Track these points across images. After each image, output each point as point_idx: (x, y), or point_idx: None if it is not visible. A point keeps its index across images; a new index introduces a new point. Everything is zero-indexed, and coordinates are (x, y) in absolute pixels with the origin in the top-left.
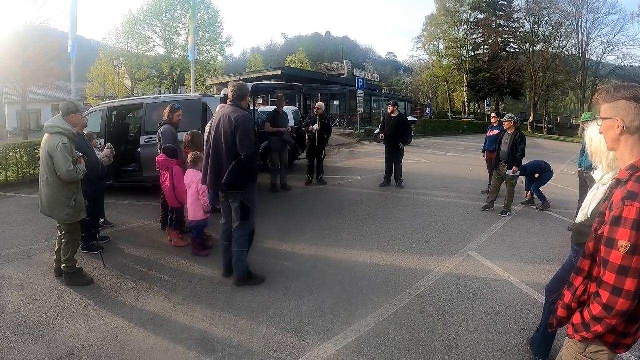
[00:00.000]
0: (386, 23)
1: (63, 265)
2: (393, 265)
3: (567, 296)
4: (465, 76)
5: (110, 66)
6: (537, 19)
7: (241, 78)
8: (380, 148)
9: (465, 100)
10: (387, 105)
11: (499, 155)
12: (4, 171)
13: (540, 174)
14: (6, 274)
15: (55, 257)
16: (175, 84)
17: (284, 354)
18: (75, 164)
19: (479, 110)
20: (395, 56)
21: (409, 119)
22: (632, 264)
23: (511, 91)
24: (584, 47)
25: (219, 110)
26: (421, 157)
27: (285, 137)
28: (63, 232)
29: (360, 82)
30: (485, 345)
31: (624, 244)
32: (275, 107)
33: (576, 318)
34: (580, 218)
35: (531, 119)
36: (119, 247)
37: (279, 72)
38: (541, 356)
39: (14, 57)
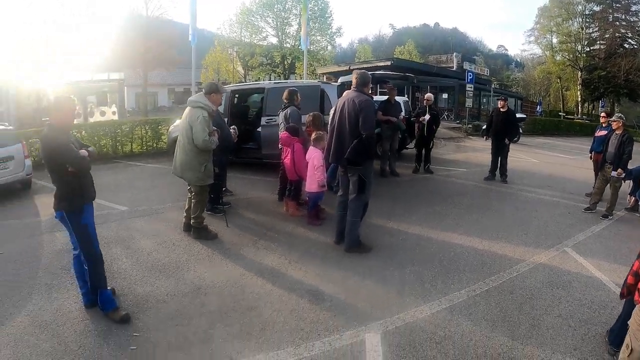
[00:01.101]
0: (497, 14)
1: (192, 221)
2: (490, 250)
3: (636, 265)
4: (579, 73)
5: (224, 54)
6: None
7: (351, 68)
8: (487, 144)
9: (579, 99)
10: (498, 100)
11: (605, 156)
12: (130, 143)
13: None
14: (138, 226)
15: (185, 214)
16: (286, 71)
17: (384, 311)
18: (210, 135)
19: (593, 112)
20: (506, 49)
21: (518, 115)
22: None
23: (628, 92)
24: None
25: (344, 95)
26: (528, 156)
27: (398, 125)
28: (193, 193)
29: (470, 75)
30: (565, 330)
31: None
32: (387, 96)
33: None
34: None
35: None
36: (239, 212)
37: (389, 63)
38: (616, 346)
39: (136, 45)
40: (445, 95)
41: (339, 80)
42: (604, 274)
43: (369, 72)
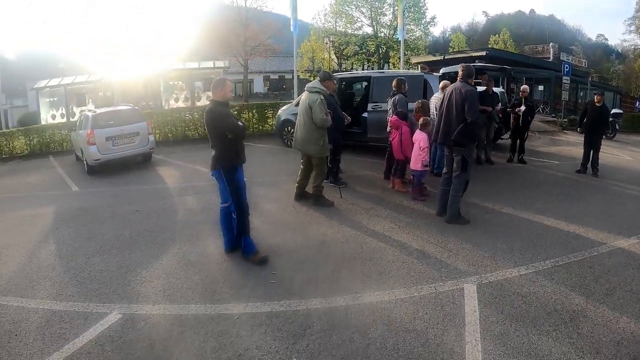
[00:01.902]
0: (597, 0)
1: (313, 189)
2: (575, 232)
3: None
4: None
5: (319, 43)
6: None
7: (445, 57)
8: (581, 138)
9: None
10: (594, 94)
11: None
12: None
13: None
14: (261, 193)
15: (297, 184)
16: (381, 61)
17: (479, 269)
18: (326, 115)
19: None
20: (607, 39)
21: (614, 111)
22: None
23: None
24: None
25: (451, 85)
26: (622, 153)
27: (492, 116)
28: (315, 164)
29: (567, 67)
30: (635, 302)
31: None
32: (485, 87)
33: None
34: None
35: None
36: (351, 186)
37: (483, 53)
38: None
39: (238, 35)
40: (541, 88)
41: (441, 71)
42: None
43: (473, 64)
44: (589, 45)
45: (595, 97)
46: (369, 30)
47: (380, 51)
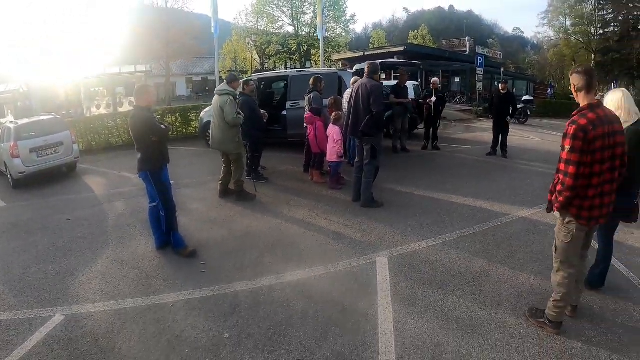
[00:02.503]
0: None
1: (235, 185)
2: (482, 207)
3: (551, 186)
4: (592, 56)
5: (241, 43)
6: None
7: (365, 54)
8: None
9: None
10: (499, 83)
11: None
12: None
13: None
14: (187, 194)
15: (220, 182)
16: (302, 59)
17: (390, 244)
18: (237, 114)
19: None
20: (522, 32)
21: (526, 97)
22: (572, 158)
23: None
24: None
25: (358, 81)
26: (533, 135)
27: (407, 107)
28: (233, 161)
29: (480, 59)
30: (534, 261)
31: (566, 147)
32: (398, 81)
33: (554, 197)
34: None
35: None
36: (272, 181)
37: (402, 48)
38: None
39: (160, 37)
40: (457, 79)
41: (354, 68)
42: None
43: (382, 60)
44: (505, 38)
45: (500, 85)
46: (290, 29)
47: (302, 49)
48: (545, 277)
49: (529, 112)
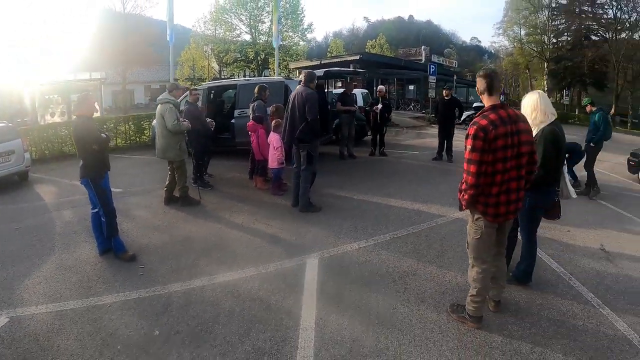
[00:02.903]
0: (470, 7)
1: (179, 191)
2: (419, 210)
3: (459, 185)
4: (545, 64)
5: (199, 51)
6: (621, 5)
7: (322, 62)
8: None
9: (545, 89)
10: (443, 89)
11: None
12: (115, 138)
13: (570, 154)
14: (134, 202)
15: (165, 189)
16: (260, 67)
17: (323, 246)
18: (178, 120)
19: (560, 101)
20: (480, 42)
21: (476, 104)
22: (472, 157)
23: (594, 81)
24: None
25: (295, 89)
26: None
27: (354, 114)
28: (175, 168)
29: (432, 68)
30: (464, 260)
31: (467, 147)
32: (344, 89)
33: (462, 196)
34: None
35: (612, 111)
36: (218, 189)
37: (358, 57)
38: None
39: (117, 44)
40: (411, 87)
41: (300, 77)
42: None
43: (327, 69)
44: (463, 47)
45: (444, 91)
46: (247, 37)
47: (260, 58)
48: None
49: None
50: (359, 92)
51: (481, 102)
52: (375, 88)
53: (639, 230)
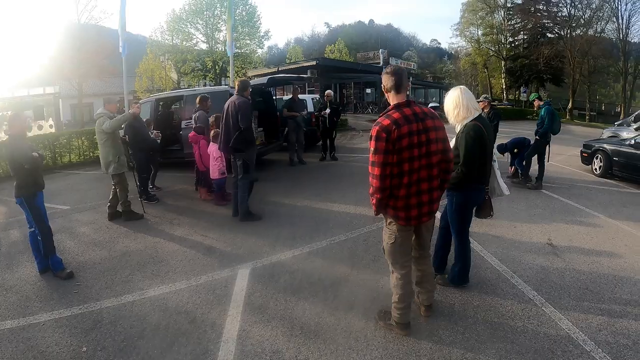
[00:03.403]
0: (429, 10)
1: (122, 207)
2: (360, 214)
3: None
4: (503, 62)
5: (157, 61)
6: (574, 2)
7: (279, 69)
8: None
9: (503, 86)
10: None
11: None
12: (68, 154)
13: (519, 149)
14: (79, 218)
15: (109, 204)
16: (218, 76)
17: (257, 255)
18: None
19: (518, 97)
20: (439, 43)
21: (432, 104)
22: (375, 159)
23: (552, 77)
24: (624, 31)
25: (230, 98)
26: None
27: (299, 120)
28: (115, 183)
29: None
30: None
31: (370, 148)
32: (292, 95)
33: (372, 201)
34: None
35: (569, 105)
36: (163, 201)
37: (314, 62)
38: (437, 271)
39: (71, 57)
40: (369, 90)
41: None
42: None
43: (270, 76)
44: (424, 49)
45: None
46: (204, 46)
47: (218, 66)
48: None
49: None
50: (309, 98)
51: (435, 102)
52: (336, 93)
53: (587, 221)
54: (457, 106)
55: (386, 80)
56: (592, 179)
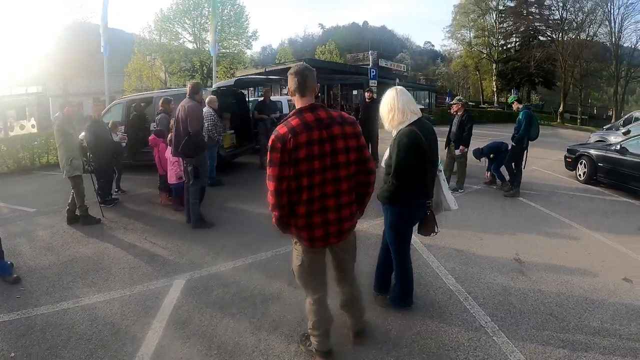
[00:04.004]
0: (423, 12)
1: (79, 211)
2: None
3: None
4: (494, 65)
5: (144, 60)
6: (567, 5)
7: (266, 70)
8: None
9: (495, 89)
10: (365, 91)
11: (449, 135)
12: (46, 155)
13: (495, 154)
14: (40, 222)
15: (67, 209)
16: (205, 76)
17: (197, 265)
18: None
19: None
20: (433, 45)
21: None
22: (270, 172)
23: (543, 80)
24: (616, 34)
25: (180, 102)
26: None
27: (268, 123)
28: (72, 187)
29: (373, 72)
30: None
31: (266, 160)
32: (262, 97)
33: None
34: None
35: (561, 108)
36: (125, 205)
37: (301, 63)
38: (377, 289)
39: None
40: (355, 92)
41: (214, 86)
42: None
43: (238, 78)
44: (417, 51)
45: (366, 94)
46: (191, 46)
47: (205, 66)
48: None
49: None
50: (284, 100)
51: (422, 104)
52: (319, 94)
53: (563, 233)
54: (392, 109)
55: (290, 82)
56: (576, 186)
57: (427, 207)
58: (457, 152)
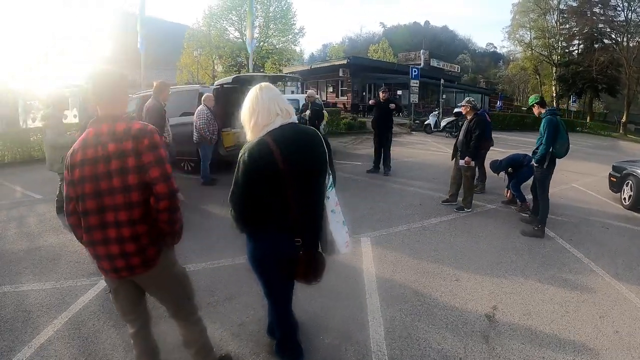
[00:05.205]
0: (486, 13)
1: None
2: None
3: None
4: (554, 69)
5: (191, 56)
6: (632, 5)
7: (312, 67)
8: (417, 138)
9: (554, 94)
10: (380, 91)
11: (456, 143)
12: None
13: (514, 168)
14: (38, 208)
15: (57, 199)
16: (253, 71)
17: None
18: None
19: (567, 107)
20: (495, 47)
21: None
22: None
23: (607, 87)
24: None
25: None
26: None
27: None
28: (60, 179)
29: (415, 71)
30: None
31: None
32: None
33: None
34: None
35: (624, 118)
36: None
37: (345, 61)
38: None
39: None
40: (400, 92)
41: (215, 84)
42: (374, 264)
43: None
44: (479, 53)
45: (380, 93)
46: (239, 42)
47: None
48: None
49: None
50: (301, 98)
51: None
52: (365, 93)
53: (577, 281)
54: (253, 112)
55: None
56: (617, 212)
57: (297, 244)
58: (462, 163)
